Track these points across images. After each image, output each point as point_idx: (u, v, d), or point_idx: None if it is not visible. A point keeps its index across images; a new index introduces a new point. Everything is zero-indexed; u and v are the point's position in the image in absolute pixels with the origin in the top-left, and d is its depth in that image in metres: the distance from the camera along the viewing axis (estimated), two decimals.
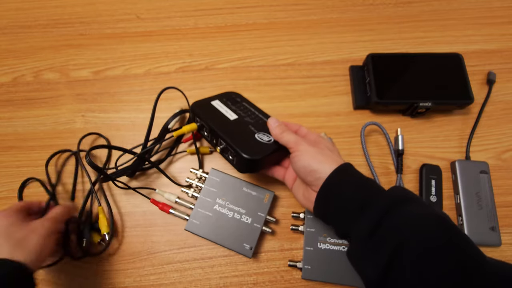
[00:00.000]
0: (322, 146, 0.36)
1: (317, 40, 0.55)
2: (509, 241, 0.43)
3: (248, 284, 0.41)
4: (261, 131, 0.41)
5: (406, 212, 0.30)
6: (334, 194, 0.33)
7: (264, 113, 0.45)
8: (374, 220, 0.30)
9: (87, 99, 0.51)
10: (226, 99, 0.46)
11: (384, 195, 0.32)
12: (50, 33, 0.56)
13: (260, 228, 0.41)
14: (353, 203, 0.32)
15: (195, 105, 0.43)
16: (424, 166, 0.46)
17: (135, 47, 0.55)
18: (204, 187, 0.43)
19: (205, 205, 0.42)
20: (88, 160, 0.35)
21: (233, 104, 0.45)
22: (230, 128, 0.41)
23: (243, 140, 0.39)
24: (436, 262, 0.26)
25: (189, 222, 0.42)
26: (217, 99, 0.46)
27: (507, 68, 0.53)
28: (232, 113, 0.43)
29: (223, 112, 0.43)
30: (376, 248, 0.29)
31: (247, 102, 0.47)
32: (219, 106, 0.44)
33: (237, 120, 0.42)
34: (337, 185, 0.33)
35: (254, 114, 0.44)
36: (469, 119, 0.50)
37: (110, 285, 0.41)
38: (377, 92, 0.47)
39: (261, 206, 0.42)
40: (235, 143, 0.38)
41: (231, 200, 0.42)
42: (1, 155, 0.48)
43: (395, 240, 0.28)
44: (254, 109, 0.46)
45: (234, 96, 0.48)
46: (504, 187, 0.46)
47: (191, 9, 0.58)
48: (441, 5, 0.58)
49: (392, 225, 0.29)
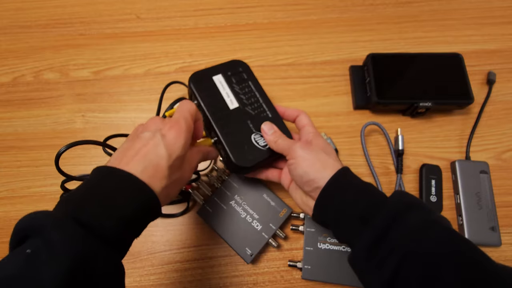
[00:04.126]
0: (317, 148, 0.35)
1: (317, 40, 0.55)
2: (509, 241, 0.43)
3: (248, 284, 0.41)
4: (259, 131, 0.39)
5: (411, 222, 0.28)
6: (333, 203, 0.32)
7: (268, 101, 0.41)
8: (377, 231, 0.28)
9: (87, 99, 0.51)
10: (231, 74, 0.41)
11: (386, 204, 0.30)
12: (50, 33, 0.56)
13: (267, 239, 0.40)
14: (353, 212, 0.30)
15: (194, 79, 0.39)
16: (424, 166, 0.46)
17: (135, 47, 0.55)
18: (227, 179, 0.43)
19: (223, 197, 0.42)
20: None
21: (237, 82, 0.40)
22: (227, 122, 0.37)
23: (237, 141, 0.37)
24: (446, 278, 0.25)
25: (203, 207, 0.42)
26: (221, 72, 0.40)
27: (507, 68, 0.53)
28: (234, 98, 0.39)
29: (223, 95, 0.39)
30: (380, 261, 0.28)
31: (253, 80, 0.42)
32: (221, 84, 0.39)
33: (236, 111, 0.39)
34: (336, 194, 0.32)
35: (258, 103, 0.40)
36: (469, 119, 0.50)
37: None
38: (377, 92, 0.47)
39: (275, 218, 0.41)
40: (228, 144, 0.36)
41: (249, 202, 0.42)
42: (1, 155, 0.48)
43: (400, 252, 0.27)
44: (259, 93, 0.41)
45: (240, 69, 0.42)
46: (504, 187, 0.46)
47: (191, 9, 0.58)
48: (441, 5, 0.58)
49: (397, 237, 0.28)
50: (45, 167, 0.47)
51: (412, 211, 0.29)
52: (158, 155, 0.29)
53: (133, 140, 0.30)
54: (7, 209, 0.45)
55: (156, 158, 0.29)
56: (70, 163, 0.47)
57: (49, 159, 0.47)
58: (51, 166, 0.47)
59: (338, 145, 0.47)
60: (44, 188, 0.46)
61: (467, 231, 0.42)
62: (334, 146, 0.47)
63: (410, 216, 0.29)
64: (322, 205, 0.33)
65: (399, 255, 0.27)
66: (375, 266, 0.28)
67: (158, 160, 0.29)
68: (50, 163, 0.47)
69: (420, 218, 0.29)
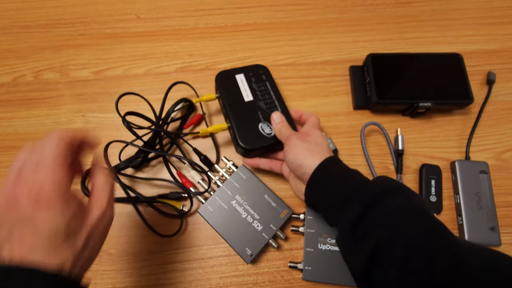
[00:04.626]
0: (311, 139, 0.38)
1: (317, 40, 0.55)
2: (509, 241, 0.43)
3: (248, 284, 0.41)
4: (266, 121, 0.43)
5: (390, 204, 0.30)
6: (320, 187, 0.34)
7: (281, 100, 0.45)
8: (359, 211, 0.30)
9: (87, 99, 0.51)
10: (252, 74, 0.47)
11: (368, 186, 0.32)
12: (50, 33, 0.56)
13: (267, 240, 0.40)
14: (338, 195, 0.32)
15: (220, 76, 0.46)
16: (424, 166, 0.46)
17: (135, 47, 0.55)
18: (229, 179, 0.43)
19: (224, 197, 0.42)
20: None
21: (256, 81, 0.46)
22: (240, 111, 0.43)
23: (246, 127, 0.42)
24: (422, 262, 0.26)
25: (204, 206, 0.42)
26: (243, 72, 0.47)
27: (507, 68, 0.53)
28: (250, 93, 0.45)
29: (241, 90, 0.45)
30: (359, 240, 0.29)
31: (270, 81, 0.47)
32: (241, 81, 0.46)
33: (250, 103, 0.44)
34: (322, 179, 0.34)
35: (271, 99, 0.45)
36: (469, 119, 0.50)
37: (110, 285, 0.41)
38: (377, 92, 0.47)
39: (276, 219, 0.41)
40: (237, 128, 0.42)
41: (250, 202, 0.42)
42: (1, 155, 0.48)
43: (379, 234, 0.28)
44: (274, 92, 0.46)
45: (261, 72, 0.48)
46: (504, 187, 0.46)
47: (191, 9, 0.58)
48: (441, 5, 0.58)
49: (377, 217, 0.29)
50: None
51: (391, 195, 0.30)
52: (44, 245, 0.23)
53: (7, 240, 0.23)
54: None
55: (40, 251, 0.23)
56: None
57: None
58: None
59: (338, 145, 0.48)
60: None
61: (467, 231, 0.42)
62: (334, 146, 0.47)
63: (388, 200, 0.30)
64: (310, 189, 0.35)
65: (378, 236, 0.28)
66: (355, 244, 0.30)
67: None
68: None
69: (397, 202, 0.30)
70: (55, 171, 0.24)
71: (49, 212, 0.23)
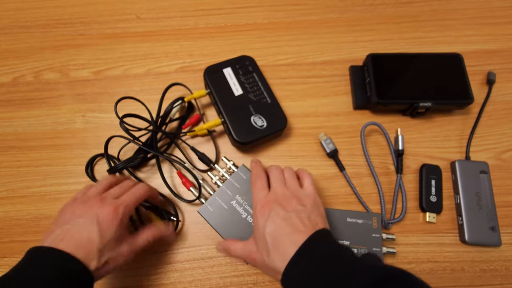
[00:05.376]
0: (259, 242, 0.34)
1: (317, 40, 0.55)
2: (509, 241, 0.43)
3: (248, 284, 0.41)
4: (258, 113, 0.45)
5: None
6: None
7: (269, 90, 0.47)
8: None
9: (87, 99, 0.51)
10: (238, 67, 0.48)
11: (357, 281, 0.27)
12: (50, 33, 0.56)
13: None
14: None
15: (208, 72, 0.47)
16: (424, 166, 0.46)
17: (135, 47, 0.55)
18: (229, 179, 0.43)
19: (224, 197, 0.42)
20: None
21: (244, 74, 0.47)
22: (231, 106, 0.45)
23: (239, 121, 0.44)
24: None
25: (204, 206, 0.42)
26: (230, 66, 0.48)
27: (507, 68, 0.53)
28: (239, 86, 0.46)
29: (230, 84, 0.46)
30: None
31: (257, 72, 0.48)
32: (229, 75, 0.47)
33: (240, 97, 0.46)
34: (296, 282, 0.30)
35: (259, 91, 0.46)
36: (469, 119, 0.50)
37: (110, 285, 0.41)
38: (377, 92, 0.47)
39: None
40: (231, 123, 0.44)
41: (250, 202, 0.42)
42: (1, 155, 0.48)
43: None
44: (261, 82, 0.47)
45: (247, 63, 0.49)
46: (504, 187, 0.46)
47: (191, 9, 0.58)
48: (441, 5, 0.58)
49: None
50: (45, 167, 0.47)
51: (390, 283, 0.27)
52: (90, 240, 0.31)
53: (70, 223, 0.32)
54: (7, 209, 0.45)
55: (88, 242, 0.31)
56: (71, 163, 0.47)
57: (49, 159, 0.47)
58: (51, 166, 0.47)
59: (338, 145, 0.48)
60: (44, 188, 0.46)
61: (467, 231, 0.42)
62: (334, 146, 0.47)
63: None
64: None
65: None
66: None
67: (90, 242, 0.31)
68: (50, 163, 0.47)
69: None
70: (134, 203, 0.36)
71: (112, 222, 0.33)
